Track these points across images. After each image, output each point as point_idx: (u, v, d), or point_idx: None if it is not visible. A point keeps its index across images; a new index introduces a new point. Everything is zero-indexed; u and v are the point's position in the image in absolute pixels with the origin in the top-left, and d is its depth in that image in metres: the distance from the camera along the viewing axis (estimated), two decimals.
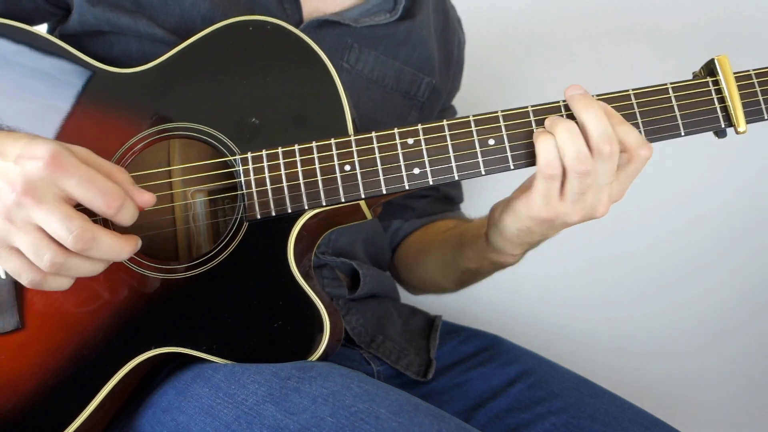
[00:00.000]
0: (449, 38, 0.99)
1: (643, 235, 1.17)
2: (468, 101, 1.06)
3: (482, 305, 1.09)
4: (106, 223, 0.67)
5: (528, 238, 0.72)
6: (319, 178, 0.69)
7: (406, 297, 1.06)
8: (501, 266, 0.82)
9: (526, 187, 0.70)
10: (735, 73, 0.67)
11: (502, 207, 0.73)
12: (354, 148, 0.69)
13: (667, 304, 1.23)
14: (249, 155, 0.70)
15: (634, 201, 0.87)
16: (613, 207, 0.68)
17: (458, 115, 0.91)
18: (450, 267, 0.90)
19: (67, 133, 0.72)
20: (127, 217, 0.62)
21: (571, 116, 0.67)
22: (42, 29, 0.78)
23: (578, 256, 0.83)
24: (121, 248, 0.61)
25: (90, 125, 0.72)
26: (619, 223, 0.72)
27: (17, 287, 0.70)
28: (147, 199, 0.64)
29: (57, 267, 0.59)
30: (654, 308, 1.23)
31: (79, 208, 0.61)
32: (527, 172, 0.69)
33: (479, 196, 1.12)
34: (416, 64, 0.91)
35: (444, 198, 1.04)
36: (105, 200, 0.59)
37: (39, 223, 0.58)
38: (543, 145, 0.65)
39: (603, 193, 0.66)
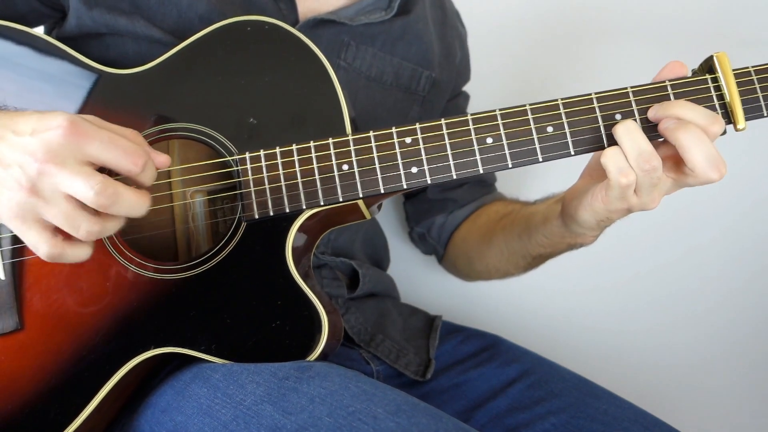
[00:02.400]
0: (448, 31, 0.98)
1: (643, 235, 1.16)
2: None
3: (482, 305, 1.09)
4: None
5: (608, 223, 0.72)
6: (317, 177, 0.69)
7: (406, 296, 1.05)
8: (577, 247, 0.81)
9: (594, 177, 0.71)
10: (734, 70, 0.66)
11: (576, 203, 0.72)
12: (352, 148, 0.69)
13: (667, 304, 1.23)
14: (247, 155, 0.70)
15: None
16: None
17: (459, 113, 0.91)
18: (518, 254, 0.89)
19: None
20: (149, 175, 0.63)
21: (570, 114, 0.67)
22: (40, 32, 0.78)
23: (578, 256, 0.83)
24: (140, 201, 0.61)
25: None
26: (619, 223, 0.71)
27: (16, 288, 0.70)
28: (163, 160, 0.65)
29: (94, 235, 0.60)
30: (654, 308, 1.23)
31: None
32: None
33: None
34: (415, 59, 0.91)
35: (479, 182, 1.03)
36: (131, 159, 0.60)
37: (65, 188, 0.58)
38: (609, 157, 0.65)
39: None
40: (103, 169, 0.61)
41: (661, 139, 0.67)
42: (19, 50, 0.74)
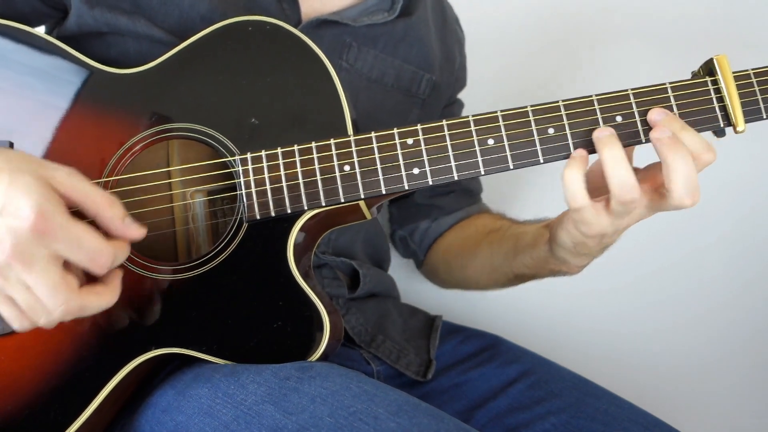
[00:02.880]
0: (448, 35, 0.99)
1: (644, 236, 1.17)
2: (466, 101, 1.06)
3: (482, 305, 1.09)
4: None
5: (585, 249, 0.71)
6: (318, 178, 0.69)
7: (406, 297, 1.05)
8: (560, 274, 0.81)
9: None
10: (734, 72, 0.66)
11: (558, 224, 0.72)
12: (353, 149, 0.69)
13: (668, 304, 1.23)
14: (248, 156, 0.70)
15: None
16: None
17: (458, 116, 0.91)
18: (500, 271, 0.88)
19: (65, 135, 0.72)
20: (117, 263, 0.62)
21: (571, 116, 0.67)
22: (40, 31, 0.78)
23: None
24: (108, 302, 0.62)
25: (88, 126, 0.72)
26: None
27: None
28: (138, 234, 0.63)
29: (51, 324, 0.60)
30: (654, 308, 1.23)
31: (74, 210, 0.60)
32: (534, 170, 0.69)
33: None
34: (416, 62, 0.91)
35: (466, 191, 1.03)
36: (96, 263, 0.59)
37: (29, 285, 0.57)
38: (567, 177, 0.64)
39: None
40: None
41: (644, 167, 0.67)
42: (18, 48, 0.74)
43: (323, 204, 0.69)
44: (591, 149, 0.67)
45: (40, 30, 0.80)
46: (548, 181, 0.75)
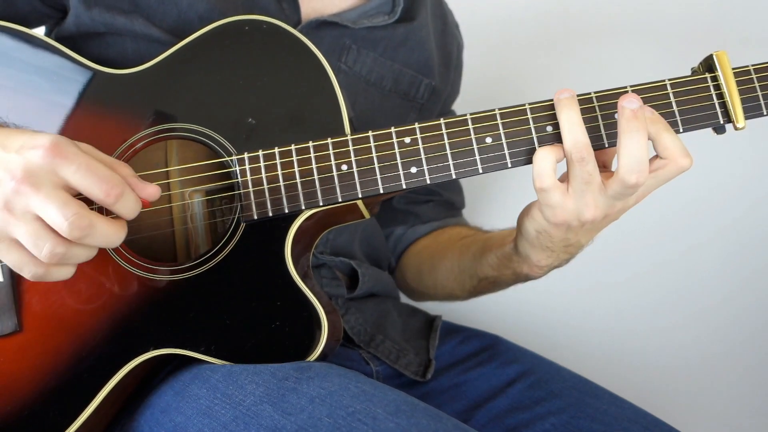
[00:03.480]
0: (448, 41, 0.98)
1: (642, 234, 1.16)
2: (465, 100, 1.06)
3: (482, 305, 1.08)
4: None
5: (549, 242, 0.70)
6: (315, 177, 0.69)
7: (406, 297, 1.05)
8: (523, 278, 0.80)
9: None
10: (733, 68, 0.66)
11: (524, 213, 0.72)
12: (351, 148, 0.69)
13: (667, 304, 1.23)
14: (245, 155, 0.70)
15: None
16: None
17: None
18: (467, 273, 0.89)
19: (63, 134, 0.72)
20: (128, 207, 0.61)
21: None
22: (40, 32, 0.78)
23: (578, 256, 0.82)
24: (115, 234, 0.61)
25: (86, 127, 0.72)
26: (618, 223, 0.71)
27: (15, 290, 0.70)
28: (152, 191, 0.64)
29: (57, 257, 0.59)
30: (654, 308, 1.23)
31: (80, 198, 0.60)
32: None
33: (481, 204, 1.11)
34: (415, 66, 0.91)
35: (446, 203, 1.03)
36: (104, 188, 0.59)
37: (36, 210, 0.57)
38: (537, 156, 0.65)
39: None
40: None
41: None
42: (14, 49, 0.74)
43: (321, 204, 0.69)
44: (593, 146, 0.67)
45: (39, 31, 0.80)
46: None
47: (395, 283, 1.05)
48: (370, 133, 0.69)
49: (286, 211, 0.69)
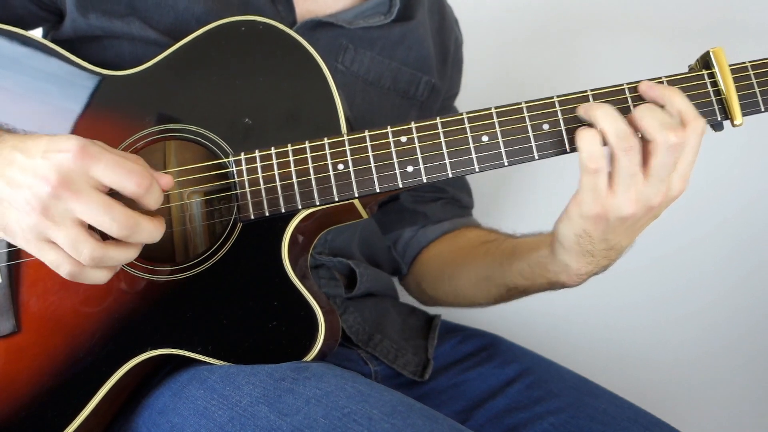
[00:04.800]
0: (446, 37, 0.98)
1: (643, 235, 1.16)
2: (462, 98, 1.05)
3: None
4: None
5: (589, 245, 0.68)
6: (312, 177, 0.68)
7: (405, 296, 1.05)
8: (558, 286, 0.77)
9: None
10: (731, 65, 0.66)
11: (560, 219, 0.70)
12: (347, 147, 0.68)
13: (667, 304, 1.22)
14: (242, 156, 0.70)
15: None
16: None
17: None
18: (492, 282, 0.85)
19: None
20: (155, 197, 0.62)
21: (566, 111, 0.66)
22: (35, 34, 0.78)
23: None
24: (157, 229, 0.62)
25: (84, 128, 0.72)
26: None
27: (13, 291, 0.70)
28: (167, 180, 0.65)
29: (96, 261, 0.60)
30: (653, 308, 1.22)
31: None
32: (534, 171, 0.68)
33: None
34: (414, 64, 0.91)
35: (455, 201, 1.01)
36: (135, 180, 0.60)
37: (79, 215, 0.58)
38: (584, 139, 0.63)
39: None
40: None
41: None
42: (11, 50, 0.74)
43: (317, 203, 0.69)
44: None
45: (36, 33, 0.80)
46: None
47: (406, 290, 1.04)
48: (367, 133, 0.69)
49: (283, 210, 0.69)
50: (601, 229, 0.66)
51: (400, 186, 0.68)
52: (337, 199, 0.68)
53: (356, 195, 0.68)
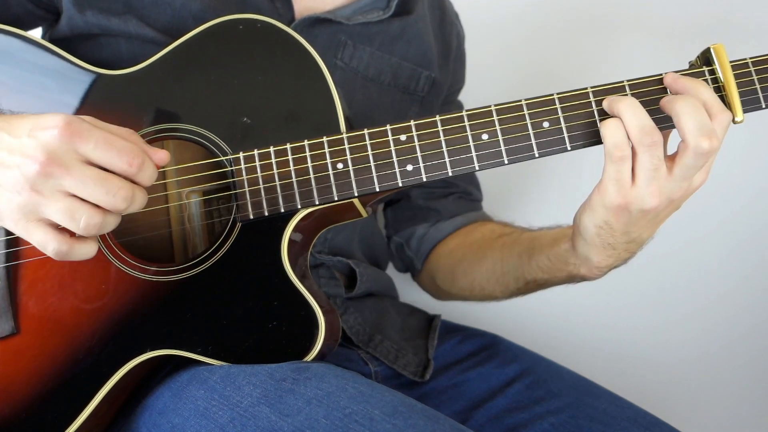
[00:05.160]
0: (447, 31, 0.97)
1: None
2: (462, 97, 1.05)
3: (481, 304, 1.08)
4: None
5: (610, 237, 0.68)
6: (311, 176, 0.68)
7: (405, 296, 1.05)
8: (578, 279, 0.77)
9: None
10: (731, 62, 0.66)
11: (580, 208, 0.69)
12: (346, 146, 0.68)
13: (667, 304, 1.22)
14: (241, 155, 0.69)
15: None
16: None
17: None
18: (511, 276, 0.85)
19: None
20: (148, 175, 0.61)
21: (566, 109, 0.66)
22: (33, 34, 0.78)
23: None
24: (144, 198, 0.62)
25: None
26: None
27: (12, 292, 0.70)
28: (162, 156, 0.64)
29: (95, 227, 0.59)
30: (653, 308, 1.22)
31: None
32: (531, 170, 0.68)
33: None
34: (414, 59, 0.90)
35: (465, 194, 1.00)
36: (125, 159, 0.59)
37: (70, 189, 0.58)
38: (609, 128, 0.63)
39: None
40: None
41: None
42: (8, 50, 0.74)
43: (317, 202, 0.68)
44: (587, 142, 0.67)
45: (34, 33, 0.80)
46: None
47: (420, 286, 1.03)
48: (366, 131, 0.68)
49: (282, 210, 0.69)
50: (623, 221, 0.66)
51: (400, 184, 0.68)
52: (336, 199, 0.68)
53: (356, 194, 0.68)
